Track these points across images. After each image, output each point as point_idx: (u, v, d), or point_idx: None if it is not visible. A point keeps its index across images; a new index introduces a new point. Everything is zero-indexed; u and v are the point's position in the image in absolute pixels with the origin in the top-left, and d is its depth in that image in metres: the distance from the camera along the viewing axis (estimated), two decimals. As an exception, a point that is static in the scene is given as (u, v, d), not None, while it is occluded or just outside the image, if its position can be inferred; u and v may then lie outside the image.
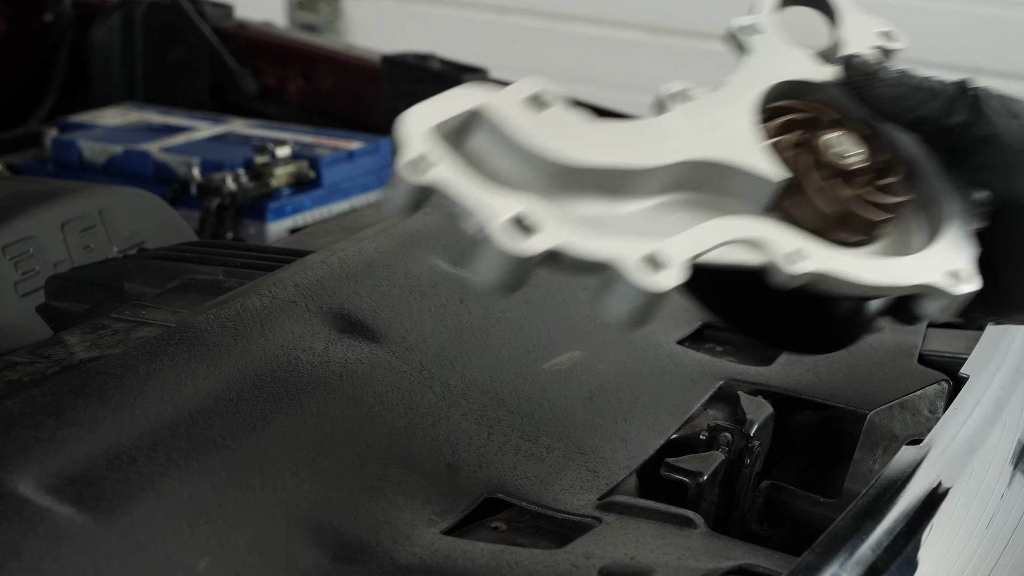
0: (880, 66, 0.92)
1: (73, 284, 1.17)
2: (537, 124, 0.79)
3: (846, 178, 0.88)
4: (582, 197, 0.80)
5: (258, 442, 0.87)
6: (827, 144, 0.88)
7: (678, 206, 0.84)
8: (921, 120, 0.90)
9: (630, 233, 0.79)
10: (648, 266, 0.75)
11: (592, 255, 0.75)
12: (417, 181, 0.74)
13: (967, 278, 0.86)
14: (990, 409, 1.04)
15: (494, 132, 0.78)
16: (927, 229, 0.91)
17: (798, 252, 0.81)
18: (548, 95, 0.81)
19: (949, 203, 0.90)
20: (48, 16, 2.30)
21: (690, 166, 0.84)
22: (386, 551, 0.82)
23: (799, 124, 0.90)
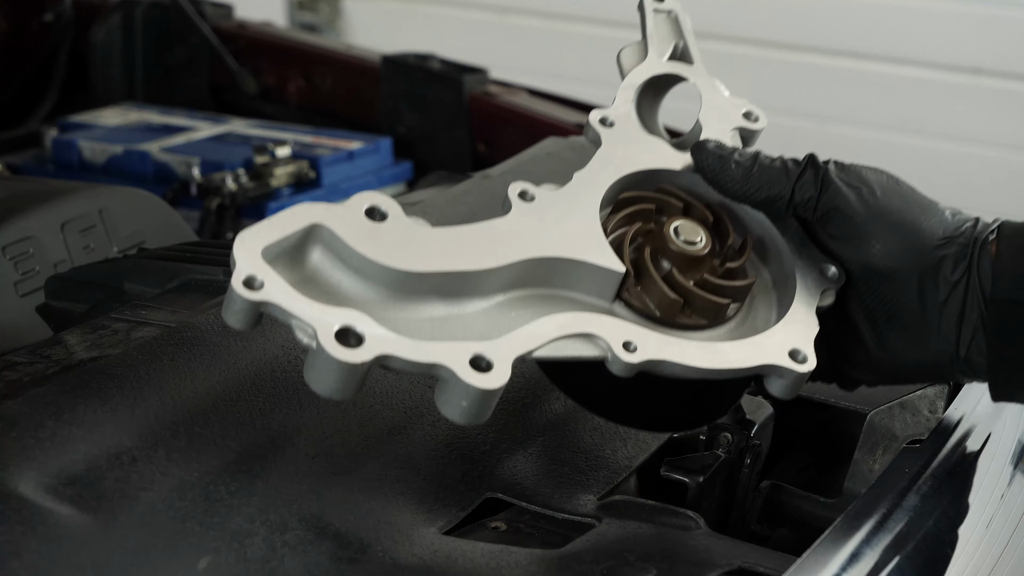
0: (730, 150, 0.96)
1: (73, 284, 1.17)
2: (376, 235, 0.83)
3: (692, 264, 0.92)
4: (425, 301, 0.85)
5: (258, 442, 0.87)
6: (673, 232, 0.92)
7: (521, 302, 0.88)
8: (772, 199, 0.94)
9: (468, 334, 0.84)
10: (474, 367, 0.79)
11: (420, 360, 0.79)
12: (250, 299, 0.78)
13: (807, 357, 0.89)
14: (990, 409, 1.04)
15: (332, 246, 0.82)
16: (776, 307, 0.95)
17: (631, 343, 0.86)
18: (385, 207, 0.84)
19: (797, 281, 0.93)
20: (48, 16, 2.30)
21: (531, 264, 0.88)
22: (386, 551, 0.82)
23: (646, 214, 0.94)
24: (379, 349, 0.78)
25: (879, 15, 3.33)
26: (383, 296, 0.83)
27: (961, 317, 0.91)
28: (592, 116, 0.98)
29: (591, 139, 0.98)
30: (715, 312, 0.92)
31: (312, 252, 0.83)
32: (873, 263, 0.92)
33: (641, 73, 1.04)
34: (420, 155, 2.03)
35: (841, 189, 0.93)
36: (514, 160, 1.48)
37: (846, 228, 0.93)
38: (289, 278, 0.80)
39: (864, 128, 3.40)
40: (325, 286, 0.82)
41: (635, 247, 0.92)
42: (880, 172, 0.95)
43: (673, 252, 0.92)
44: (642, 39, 1.07)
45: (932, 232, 0.92)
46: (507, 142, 1.90)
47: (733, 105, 1.04)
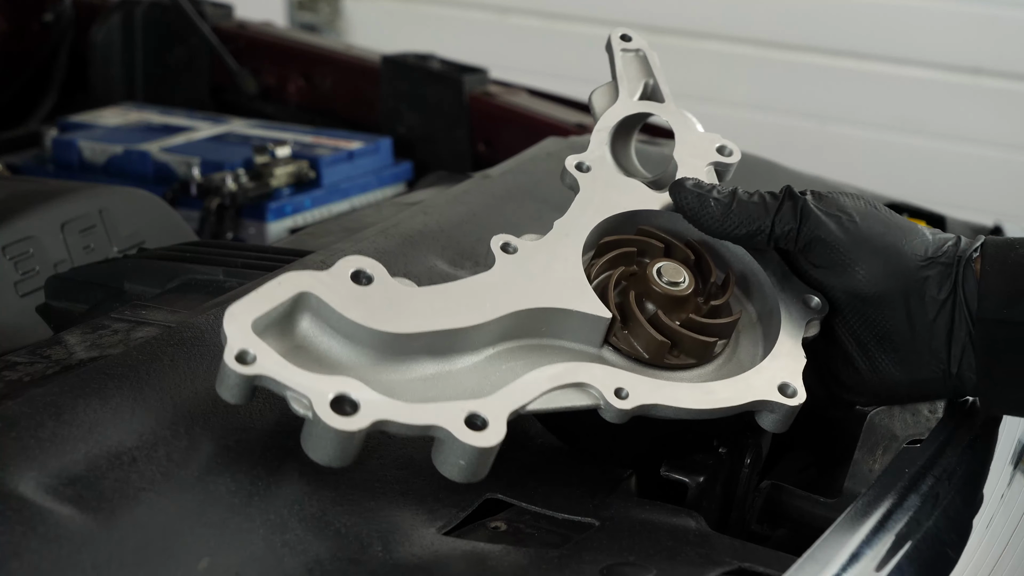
0: (708, 187, 0.97)
1: (73, 284, 1.17)
2: (363, 299, 0.84)
3: (677, 305, 0.94)
4: (415, 361, 0.86)
5: (258, 442, 0.87)
6: (656, 274, 0.94)
7: (511, 354, 0.89)
8: (752, 234, 0.95)
9: (460, 390, 0.85)
10: (470, 426, 0.81)
11: (416, 423, 0.80)
12: (244, 373, 0.79)
13: (796, 391, 0.91)
14: (990, 409, 1.04)
15: (320, 313, 0.83)
16: (762, 341, 0.97)
17: (623, 389, 0.87)
18: (370, 269, 0.85)
19: (781, 314, 0.95)
20: (48, 16, 2.30)
21: (518, 316, 0.89)
22: (386, 551, 0.82)
23: (628, 257, 0.96)
24: (375, 415, 0.79)
25: (879, 15, 3.33)
26: (373, 359, 0.84)
27: (950, 335, 0.92)
28: (568, 162, 0.99)
29: (568, 184, 1.00)
30: (702, 351, 0.93)
31: (301, 320, 0.84)
32: (859, 289, 0.93)
33: (613, 115, 1.06)
34: (420, 155, 2.03)
35: (821, 219, 0.93)
36: (514, 160, 1.48)
37: (829, 257, 0.94)
38: (279, 348, 0.81)
39: (864, 128, 3.40)
40: (315, 353, 0.83)
41: (619, 291, 0.94)
42: (858, 198, 0.95)
43: (657, 294, 0.93)
44: (613, 80, 1.08)
45: (914, 254, 0.93)
46: (507, 142, 1.90)
47: (707, 140, 1.06)
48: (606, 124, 1.04)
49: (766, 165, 1.56)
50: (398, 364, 0.85)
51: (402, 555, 0.82)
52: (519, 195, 1.06)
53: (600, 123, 1.04)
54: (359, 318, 0.83)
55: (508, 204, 1.28)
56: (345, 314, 0.83)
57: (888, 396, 0.98)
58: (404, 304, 0.85)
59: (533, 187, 1.34)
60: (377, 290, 0.85)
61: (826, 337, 0.95)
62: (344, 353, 0.84)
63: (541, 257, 0.92)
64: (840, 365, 0.96)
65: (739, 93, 3.50)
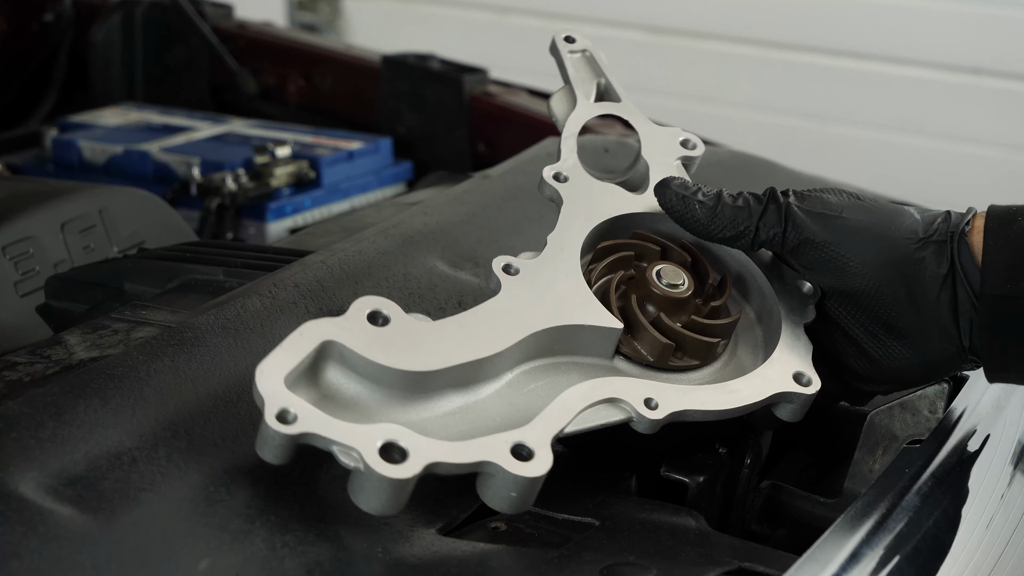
0: (693, 188, 0.96)
1: (73, 284, 1.17)
2: (383, 340, 0.84)
3: (678, 307, 0.94)
4: (441, 396, 0.86)
5: (258, 442, 0.87)
6: (655, 277, 0.94)
7: (529, 376, 0.90)
8: (737, 237, 0.95)
9: (489, 419, 0.85)
10: (517, 457, 0.81)
11: (465, 461, 0.80)
12: (289, 433, 0.78)
13: (811, 379, 0.92)
14: (990, 409, 1.04)
15: (345, 359, 0.83)
16: (762, 339, 0.97)
17: (652, 399, 0.88)
18: (386, 309, 0.85)
19: (780, 310, 0.95)
20: (48, 16, 2.30)
21: (534, 338, 0.89)
22: (386, 551, 0.82)
23: (626, 261, 0.96)
24: (425, 459, 0.79)
25: (879, 15, 3.33)
26: (402, 400, 0.84)
27: (955, 311, 0.91)
28: (545, 173, 1.00)
29: (549, 196, 1.00)
30: (706, 352, 0.94)
31: (326, 369, 0.84)
32: (856, 284, 0.93)
33: (577, 121, 1.06)
34: (420, 155, 2.03)
35: (806, 221, 0.93)
36: (514, 160, 1.48)
37: (819, 257, 0.93)
38: (310, 400, 0.81)
39: (864, 128, 3.40)
40: (344, 400, 0.83)
41: (620, 295, 0.95)
42: (840, 192, 0.95)
43: (658, 296, 0.94)
44: (566, 84, 1.08)
45: (906, 237, 0.92)
46: (507, 142, 1.90)
47: (669, 135, 1.07)
48: (572, 131, 1.05)
49: (766, 165, 1.55)
50: (426, 402, 0.85)
51: (402, 555, 0.82)
52: (519, 195, 1.06)
53: (566, 130, 1.05)
54: (385, 360, 0.83)
55: (508, 204, 1.28)
56: (371, 358, 0.83)
57: (908, 380, 0.97)
58: (424, 341, 0.85)
59: (533, 187, 1.33)
60: (395, 329, 0.85)
61: (835, 332, 0.95)
62: (373, 397, 0.84)
63: (543, 275, 0.92)
64: (854, 358, 0.96)
65: (739, 93, 3.50)
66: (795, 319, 0.95)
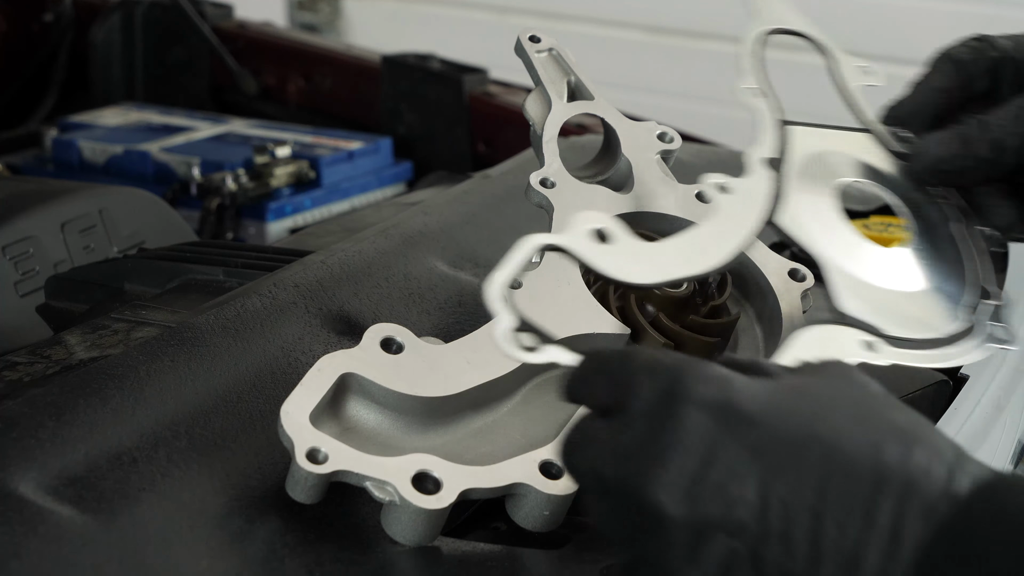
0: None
1: (73, 284, 1.17)
2: (400, 368, 0.84)
3: (677, 307, 0.94)
4: (461, 419, 0.86)
5: (258, 442, 0.87)
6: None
7: (542, 388, 0.89)
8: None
9: (509, 436, 0.85)
10: (547, 476, 0.81)
11: (497, 485, 0.80)
12: (321, 472, 0.78)
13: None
14: (990, 409, 1.04)
15: (364, 390, 0.83)
16: (763, 339, 0.97)
17: None
18: (399, 336, 0.85)
19: (780, 307, 0.94)
20: (48, 16, 2.30)
21: None
22: (386, 551, 0.82)
23: None
24: (458, 486, 0.79)
25: (879, 15, 3.33)
26: (423, 425, 0.85)
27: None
28: (532, 179, 0.99)
29: (538, 203, 0.99)
30: (706, 352, 0.93)
31: (347, 402, 0.84)
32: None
33: (554, 124, 1.05)
34: (420, 155, 2.03)
35: None
36: (514, 160, 1.48)
37: None
38: (334, 434, 0.81)
39: (864, 128, 3.40)
40: (366, 432, 0.83)
41: (619, 295, 0.94)
42: None
43: (658, 296, 0.94)
44: (538, 85, 1.08)
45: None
46: (507, 142, 1.90)
47: (645, 130, 1.06)
48: (552, 134, 1.04)
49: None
50: (447, 426, 0.86)
51: (402, 556, 0.82)
52: (519, 195, 1.05)
53: (546, 134, 1.04)
54: (405, 388, 0.83)
55: (508, 204, 1.28)
56: (391, 387, 0.83)
57: None
58: (441, 365, 0.85)
59: (533, 187, 1.34)
60: (411, 356, 0.85)
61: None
62: (395, 425, 0.84)
63: (546, 286, 0.92)
64: None
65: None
66: (793, 307, 0.95)
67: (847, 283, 0.87)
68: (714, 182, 0.88)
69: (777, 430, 0.64)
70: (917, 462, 0.64)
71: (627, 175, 1.02)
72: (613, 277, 0.79)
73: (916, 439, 0.65)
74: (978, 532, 0.62)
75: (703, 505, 0.63)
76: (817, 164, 0.94)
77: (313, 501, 0.80)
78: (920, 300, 0.89)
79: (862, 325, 0.85)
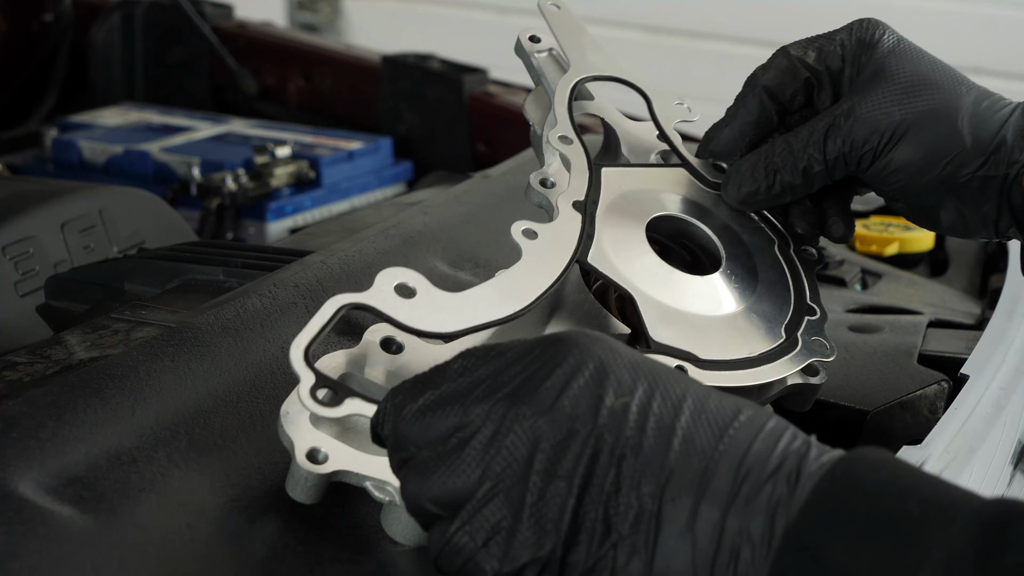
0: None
1: (73, 284, 1.17)
2: (400, 367, 0.83)
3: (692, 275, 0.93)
4: None
5: (258, 442, 0.87)
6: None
7: None
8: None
9: None
10: None
11: None
12: (321, 472, 0.78)
13: (817, 368, 0.92)
14: (990, 409, 1.04)
15: (365, 391, 0.81)
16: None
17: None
18: (399, 336, 0.84)
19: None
20: (48, 16, 2.30)
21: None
22: (386, 551, 0.82)
23: None
24: None
25: (879, 15, 3.32)
26: None
27: (996, 223, 0.96)
28: (532, 179, 0.99)
29: (538, 203, 1.00)
30: None
31: (345, 404, 0.82)
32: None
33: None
34: (420, 155, 2.03)
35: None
36: (514, 160, 1.48)
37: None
38: (333, 434, 0.80)
39: (864, 128, 3.40)
40: (367, 432, 0.82)
41: (618, 295, 0.94)
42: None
43: None
44: (538, 86, 1.08)
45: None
46: (507, 142, 1.90)
47: (645, 130, 1.07)
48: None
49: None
50: None
51: (403, 555, 0.82)
52: (519, 195, 1.05)
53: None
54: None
55: (508, 204, 1.28)
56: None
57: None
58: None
59: (533, 187, 1.34)
60: (410, 356, 0.85)
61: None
62: None
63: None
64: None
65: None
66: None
67: (658, 313, 0.90)
68: (522, 228, 0.91)
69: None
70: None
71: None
72: (419, 330, 0.81)
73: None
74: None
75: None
76: (629, 202, 0.97)
77: (313, 501, 0.80)
78: (736, 322, 0.92)
79: (674, 352, 0.88)
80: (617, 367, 0.70)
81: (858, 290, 1.39)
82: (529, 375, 0.70)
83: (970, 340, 1.16)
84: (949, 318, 1.29)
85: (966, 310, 1.34)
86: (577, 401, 0.68)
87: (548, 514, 0.67)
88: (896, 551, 0.62)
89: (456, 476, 0.69)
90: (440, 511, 0.70)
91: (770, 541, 0.64)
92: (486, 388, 0.71)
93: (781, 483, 0.66)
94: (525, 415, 0.69)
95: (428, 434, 0.71)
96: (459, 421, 0.70)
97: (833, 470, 0.66)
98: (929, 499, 0.64)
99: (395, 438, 0.73)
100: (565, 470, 0.67)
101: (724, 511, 0.65)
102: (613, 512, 0.67)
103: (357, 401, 0.77)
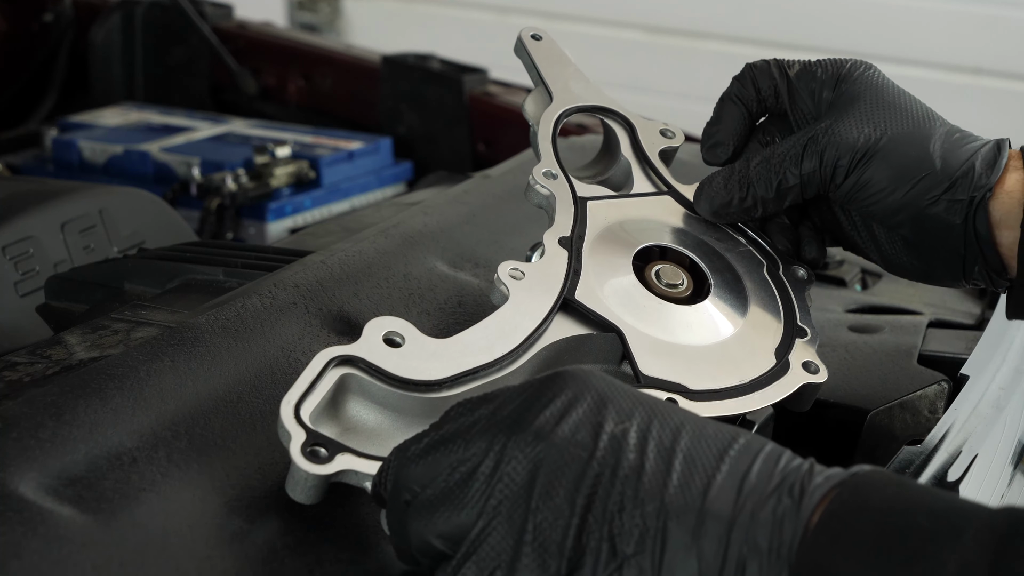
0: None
1: (73, 284, 1.16)
2: (403, 358, 0.84)
3: (680, 304, 0.94)
4: None
5: (258, 442, 0.87)
6: (655, 276, 0.95)
7: None
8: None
9: None
10: None
11: None
12: (322, 472, 0.78)
13: (819, 366, 0.93)
14: (990, 409, 1.04)
15: (363, 390, 0.83)
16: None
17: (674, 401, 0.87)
18: (402, 330, 0.85)
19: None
20: (48, 16, 2.30)
21: (543, 351, 0.89)
22: (386, 551, 0.82)
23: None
24: None
25: (879, 15, 3.33)
26: (424, 426, 0.84)
27: (963, 260, 0.97)
28: (535, 172, 0.99)
29: (538, 204, 1.00)
30: None
31: (347, 402, 0.84)
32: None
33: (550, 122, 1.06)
34: (420, 155, 2.03)
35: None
36: (514, 160, 1.48)
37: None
38: (334, 435, 0.80)
39: (864, 128, 3.40)
40: (366, 431, 0.83)
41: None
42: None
43: (663, 294, 0.94)
44: (538, 86, 1.08)
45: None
46: (507, 142, 1.90)
47: (650, 127, 1.07)
48: (547, 132, 1.04)
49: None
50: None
51: (402, 555, 0.82)
52: (519, 195, 1.06)
53: (542, 131, 1.04)
54: (408, 375, 0.83)
55: (508, 204, 1.28)
56: (391, 387, 0.83)
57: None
58: (439, 356, 0.85)
59: (533, 187, 1.34)
60: (412, 347, 0.85)
61: (843, 219, 1.00)
62: (394, 426, 0.84)
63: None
64: (855, 242, 1.01)
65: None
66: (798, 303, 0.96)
67: (647, 347, 0.90)
68: (508, 269, 0.91)
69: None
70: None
71: (627, 175, 1.03)
72: (410, 379, 0.82)
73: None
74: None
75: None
76: (616, 234, 0.97)
77: (313, 501, 0.80)
78: (726, 349, 0.92)
79: (664, 385, 0.88)
80: (615, 397, 0.71)
81: (858, 290, 1.39)
82: (528, 406, 0.71)
83: (970, 340, 1.16)
84: (949, 318, 1.29)
85: (966, 310, 1.34)
86: (577, 428, 0.69)
87: (551, 537, 0.68)
88: (910, 564, 0.63)
89: (460, 510, 0.70)
90: (446, 548, 0.71)
91: (779, 551, 0.65)
92: (486, 423, 0.72)
93: (785, 497, 0.66)
94: (525, 441, 0.70)
95: (432, 472, 0.72)
96: (461, 456, 0.71)
97: (840, 491, 0.67)
98: (938, 512, 0.65)
99: (397, 480, 0.74)
100: (566, 493, 0.68)
101: (729, 525, 0.66)
102: (617, 532, 0.67)
103: (349, 456, 0.78)
